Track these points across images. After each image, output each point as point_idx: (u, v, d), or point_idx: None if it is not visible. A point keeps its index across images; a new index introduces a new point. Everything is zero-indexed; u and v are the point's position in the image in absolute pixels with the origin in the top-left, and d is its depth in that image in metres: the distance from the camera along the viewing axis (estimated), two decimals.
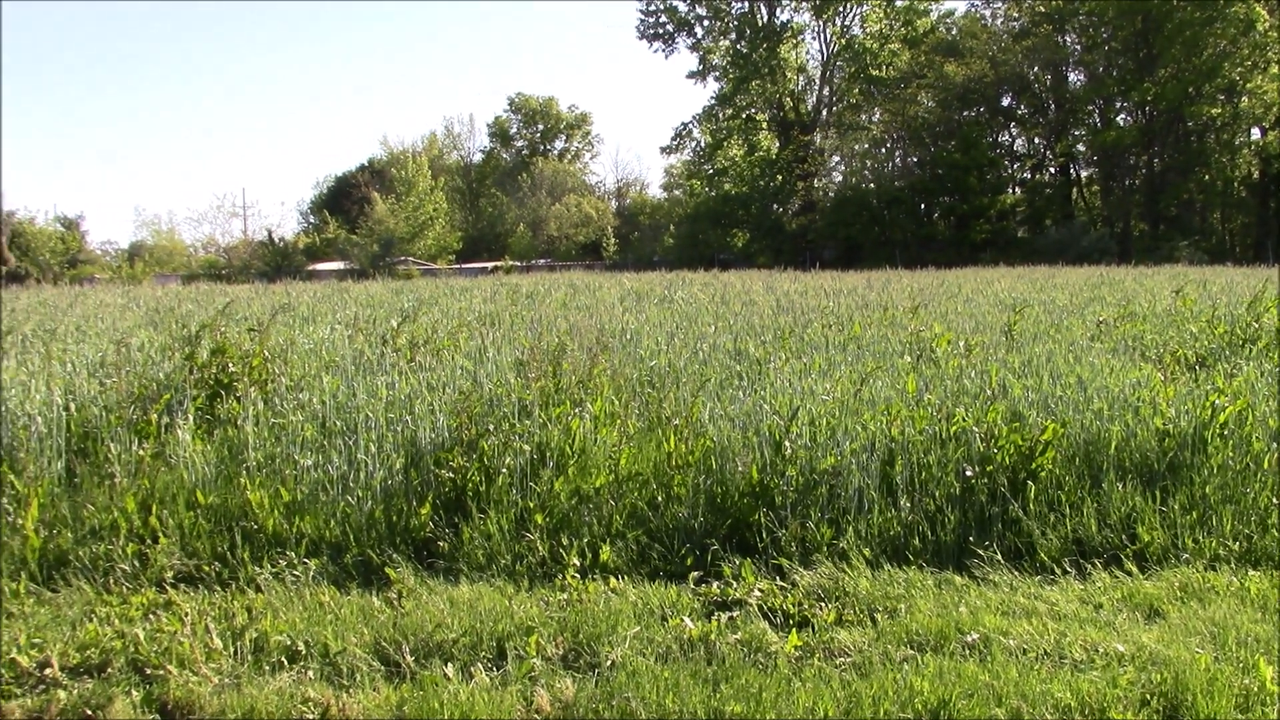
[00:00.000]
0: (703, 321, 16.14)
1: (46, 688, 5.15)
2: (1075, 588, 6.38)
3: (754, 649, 5.49)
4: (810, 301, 20.35)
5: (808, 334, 14.01)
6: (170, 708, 4.98)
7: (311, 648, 5.51)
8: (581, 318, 16.04)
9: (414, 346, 12.15)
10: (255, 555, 6.72)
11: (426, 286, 32.76)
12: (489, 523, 6.96)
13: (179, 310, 20.27)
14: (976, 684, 5.01)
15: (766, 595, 6.15)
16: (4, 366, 10.16)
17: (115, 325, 16.62)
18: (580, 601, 6.07)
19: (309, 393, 9.16)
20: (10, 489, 7.27)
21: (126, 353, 10.58)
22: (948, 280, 29.00)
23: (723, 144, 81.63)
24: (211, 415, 9.06)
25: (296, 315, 18.28)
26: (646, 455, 8.06)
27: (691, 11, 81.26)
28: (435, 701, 4.90)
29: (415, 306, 20.07)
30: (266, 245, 73.03)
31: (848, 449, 7.49)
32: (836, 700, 4.91)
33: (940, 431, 7.86)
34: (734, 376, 10.37)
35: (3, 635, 5.65)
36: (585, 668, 5.34)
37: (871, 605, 6.06)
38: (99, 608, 6.03)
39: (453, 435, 7.84)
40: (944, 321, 15.53)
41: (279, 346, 11.23)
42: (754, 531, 6.97)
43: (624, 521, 7.10)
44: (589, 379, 9.90)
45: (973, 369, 10.23)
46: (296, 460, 7.66)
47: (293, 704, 4.93)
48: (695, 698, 4.93)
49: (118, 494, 7.33)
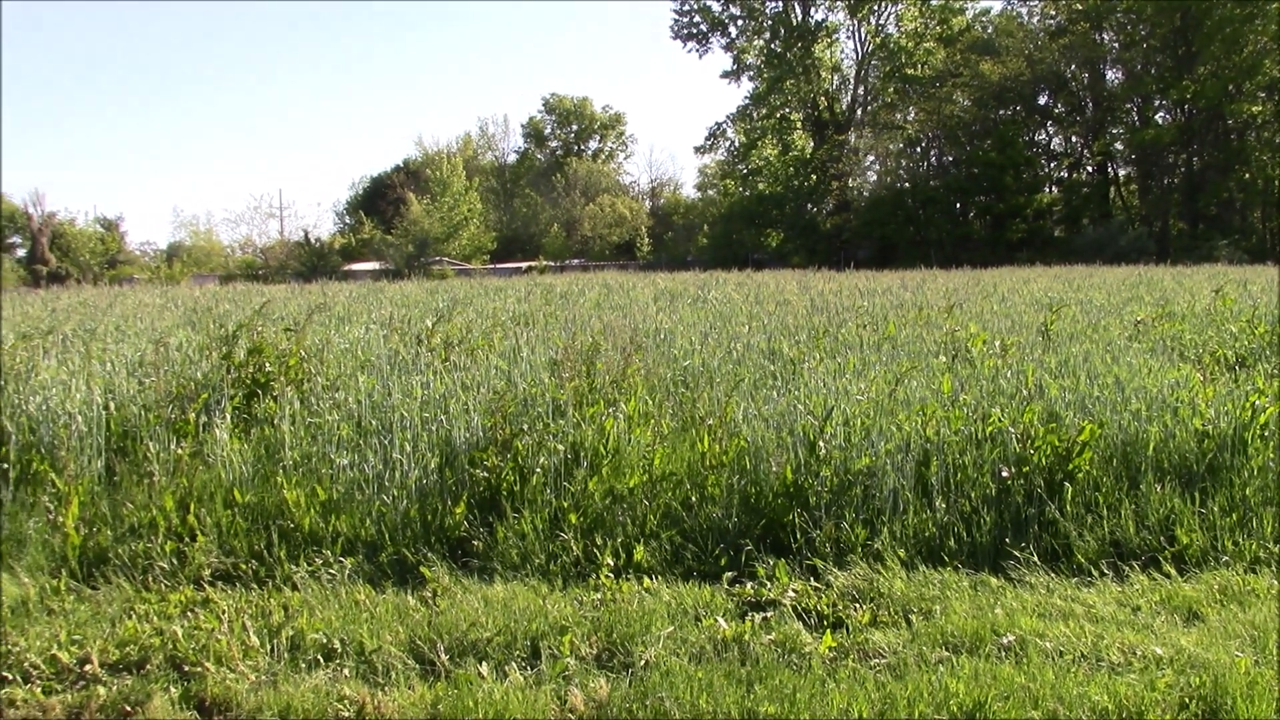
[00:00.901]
0: (737, 321, 16.11)
1: (86, 684, 5.21)
2: (1113, 590, 6.32)
3: (788, 650, 5.47)
4: (845, 301, 20.28)
5: (842, 334, 13.96)
6: (208, 704, 5.02)
7: (347, 646, 5.54)
8: (615, 317, 16.05)
9: (449, 346, 12.20)
10: (292, 554, 6.77)
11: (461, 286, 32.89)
12: (523, 522, 6.97)
13: (216, 310, 20.43)
14: (1012, 686, 4.98)
15: (801, 596, 6.14)
16: (45, 366, 10.27)
17: (154, 325, 16.77)
18: (614, 601, 6.07)
19: (345, 392, 9.21)
20: (51, 487, 7.36)
21: (165, 352, 10.67)
22: (983, 280, 28.82)
23: (757, 144, 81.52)
24: (248, 414, 9.13)
25: (332, 315, 18.39)
26: (680, 455, 8.05)
27: (725, 11, 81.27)
28: (470, 700, 4.92)
29: (450, 306, 20.16)
30: (303, 246, 73.52)
31: (882, 449, 7.46)
32: (871, 702, 4.89)
33: (976, 432, 7.81)
34: (768, 376, 10.34)
35: (44, 632, 5.72)
36: (619, 667, 5.34)
37: (906, 606, 6.03)
38: (138, 605, 6.09)
39: (487, 435, 7.86)
40: (980, 321, 15.44)
41: (315, 346, 11.30)
42: (788, 532, 6.95)
43: (658, 521, 7.10)
44: (623, 379, 9.91)
45: (1009, 369, 10.16)
46: (332, 459, 7.71)
47: (328, 702, 4.96)
48: (729, 698, 4.92)
49: (156, 492, 7.40)
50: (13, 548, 6.80)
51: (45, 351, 11.70)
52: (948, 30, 77.39)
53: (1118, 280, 27.48)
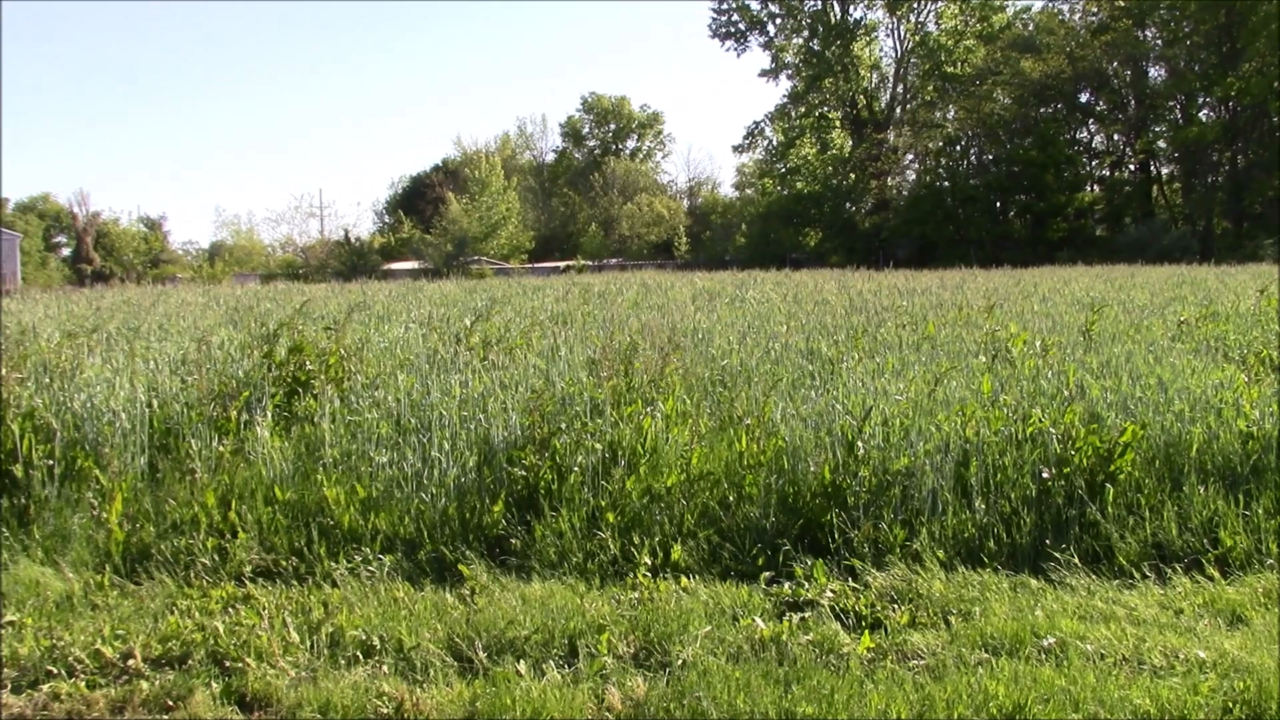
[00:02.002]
0: (775, 321, 16.07)
1: (130, 678, 5.27)
2: (1155, 592, 6.26)
3: (826, 650, 5.46)
4: (883, 301, 20.19)
5: (881, 334, 13.91)
6: (249, 700, 5.07)
7: (386, 643, 5.57)
8: (653, 317, 16.05)
9: (487, 345, 12.24)
10: (331, 551, 6.81)
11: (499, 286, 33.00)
12: (561, 521, 6.99)
13: (258, 309, 20.61)
14: (1053, 689, 4.94)
15: (838, 596, 6.12)
16: (90, 364, 10.39)
17: (196, 324, 16.94)
18: (651, 600, 6.08)
19: (384, 391, 9.26)
20: (95, 484, 7.45)
21: (207, 351, 10.78)
22: (1024, 279, 28.61)
23: (795, 142, 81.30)
24: (289, 412, 9.20)
25: (372, 314, 18.51)
26: (718, 454, 8.05)
27: (764, 10, 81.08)
28: (507, 698, 4.93)
29: (488, 305, 20.22)
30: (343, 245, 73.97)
31: (921, 450, 7.42)
32: (909, 703, 4.87)
33: (1016, 433, 7.76)
34: (806, 376, 10.31)
35: (89, 627, 5.79)
36: (656, 666, 5.34)
37: (945, 608, 6.00)
38: (180, 601, 6.15)
39: (525, 433, 7.89)
40: (1020, 321, 15.34)
41: (355, 345, 11.37)
42: (826, 532, 6.93)
43: (695, 521, 7.10)
44: (661, 378, 9.91)
45: (1049, 369, 10.08)
46: (372, 457, 7.75)
47: (367, 698, 4.99)
48: (766, 698, 4.91)
49: (198, 489, 7.47)
50: (58, 543, 6.89)
51: (90, 350, 11.83)
52: (988, 28, 76.78)
53: (1160, 280, 27.20)
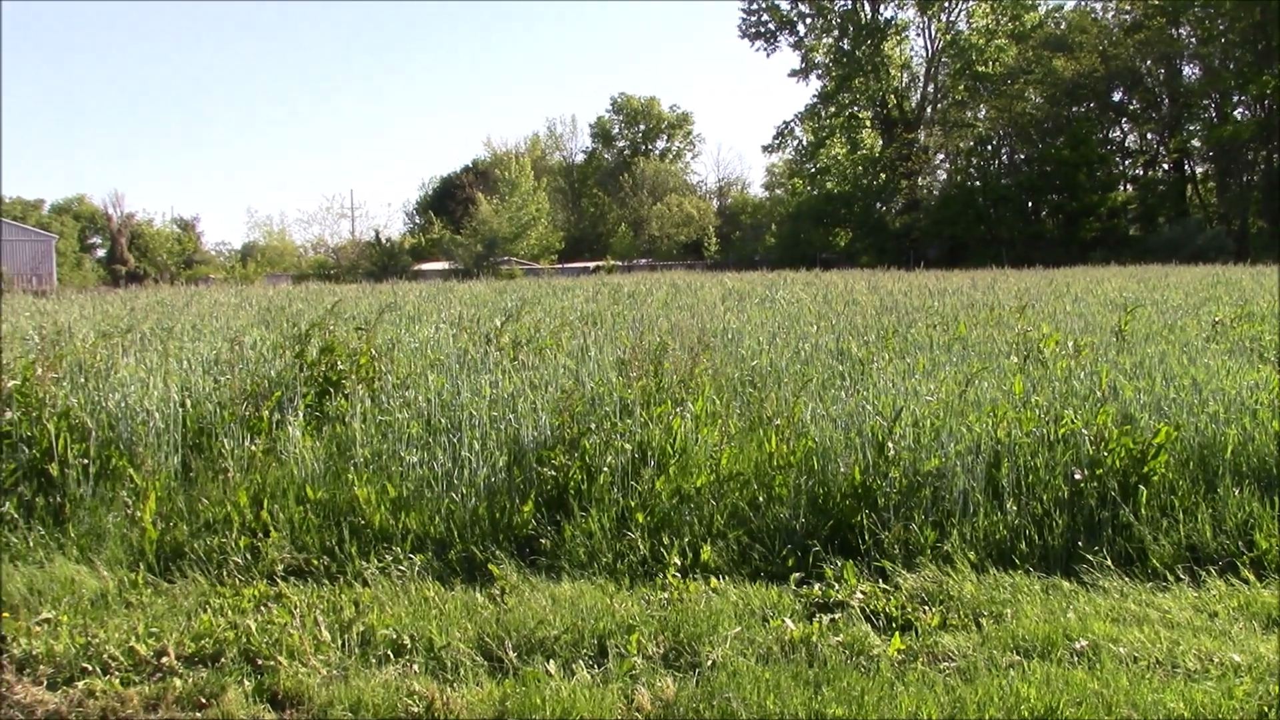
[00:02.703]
0: (805, 321, 16.04)
1: (163, 676, 5.31)
2: (1189, 595, 6.21)
3: (856, 651, 5.44)
4: (914, 301, 20.12)
5: (911, 334, 13.85)
6: (280, 698, 5.10)
7: (417, 642, 5.60)
8: (683, 317, 16.05)
9: (517, 345, 12.27)
10: (362, 550, 6.85)
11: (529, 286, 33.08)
12: (590, 521, 6.99)
13: (289, 309, 20.73)
14: (1085, 692, 4.90)
15: (869, 598, 6.10)
16: (124, 363, 10.48)
17: (229, 324, 17.06)
18: (681, 601, 6.07)
19: (415, 390, 9.29)
20: (129, 482, 7.51)
21: (240, 351, 10.84)
22: (1056, 279, 28.44)
23: (825, 142, 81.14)
24: (320, 412, 9.25)
25: (403, 314, 18.58)
26: (748, 455, 8.04)
27: (794, 10, 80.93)
28: (537, 698, 4.94)
29: (518, 306, 20.27)
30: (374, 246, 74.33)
31: (952, 451, 7.38)
32: (940, 705, 4.84)
33: (1048, 434, 7.70)
34: (836, 377, 10.28)
35: (123, 624, 5.84)
36: (686, 667, 5.34)
37: (976, 609, 5.97)
38: (213, 599, 6.20)
39: (555, 433, 7.90)
40: (1052, 322, 15.24)
41: (386, 345, 11.42)
42: (856, 533, 6.91)
43: (725, 521, 7.09)
44: (690, 378, 9.90)
45: (1082, 370, 10.01)
46: (402, 457, 7.78)
47: (398, 697, 5.01)
48: (796, 699, 4.90)
49: (231, 488, 7.53)
50: (93, 541, 6.95)
51: (125, 350, 11.93)
52: (1020, 27, 76.32)
53: (1195, 280, 26.98)
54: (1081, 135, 69.19)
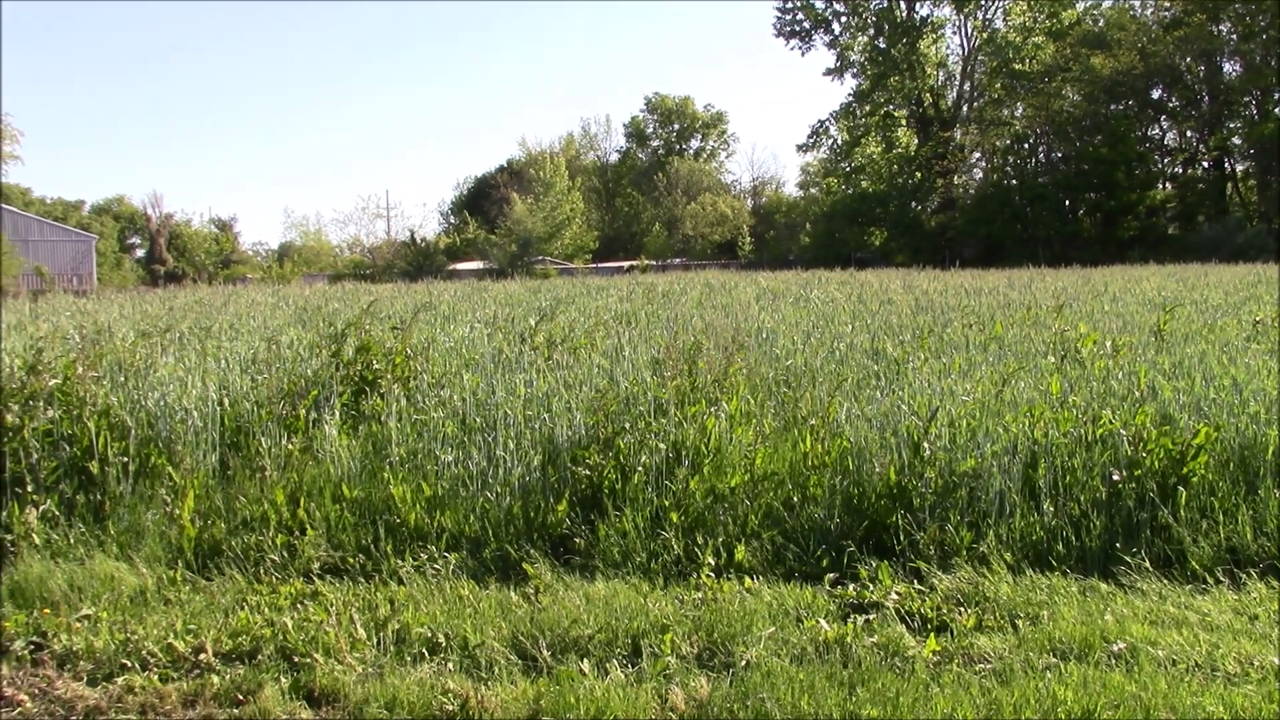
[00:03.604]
0: (839, 321, 15.99)
1: (201, 672, 5.35)
2: (1229, 598, 6.14)
3: (891, 653, 5.42)
4: (950, 300, 20.02)
5: (947, 334, 13.78)
6: (316, 695, 5.13)
7: (451, 640, 5.62)
8: (717, 317, 16.03)
9: (551, 345, 12.28)
10: (398, 548, 6.88)
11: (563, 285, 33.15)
12: (624, 520, 7.00)
13: (326, 309, 20.86)
14: (1123, 695, 4.86)
15: (904, 598, 6.07)
16: (163, 362, 10.57)
17: (266, 323, 17.19)
18: (715, 601, 6.07)
19: (450, 390, 9.33)
20: (168, 480, 7.59)
21: (276, 350, 10.92)
22: (1093, 279, 28.22)
23: (860, 141, 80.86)
24: (356, 411, 9.30)
25: (438, 314, 18.66)
26: (782, 455, 8.02)
27: (829, 8, 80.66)
28: (571, 696, 4.95)
29: (553, 305, 20.31)
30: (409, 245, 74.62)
31: (988, 451, 7.34)
32: (976, 707, 4.82)
33: (1085, 434, 7.64)
34: (871, 376, 10.24)
35: (161, 621, 5.89)
36: (720, 667, 5.33)
37: (1013, 611, 5.93)
38: (250, 596, 6.25)
39: (589, 433, 7.91)
40: (1089, 321, 15.12)
41: (421, 344, 11.45)
42: (891, 533, 6.88)
43: (759, 521, 7.08)
44: (724, 378, 9.88)
45: (1120, 370, 9.92)
46: (437, 456, 7.82)
47: (433, 695, 5.04)
48: (831, 700, 4.88)
49: (268, 487, 7.59)
50: (132, 539, 7.02)
51: (163, 349, 12.04)
52: (1057, 24, 75.72)
53: (1235, 279, 26.69)
54: (1120, 133, 68.59)
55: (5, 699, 5.17)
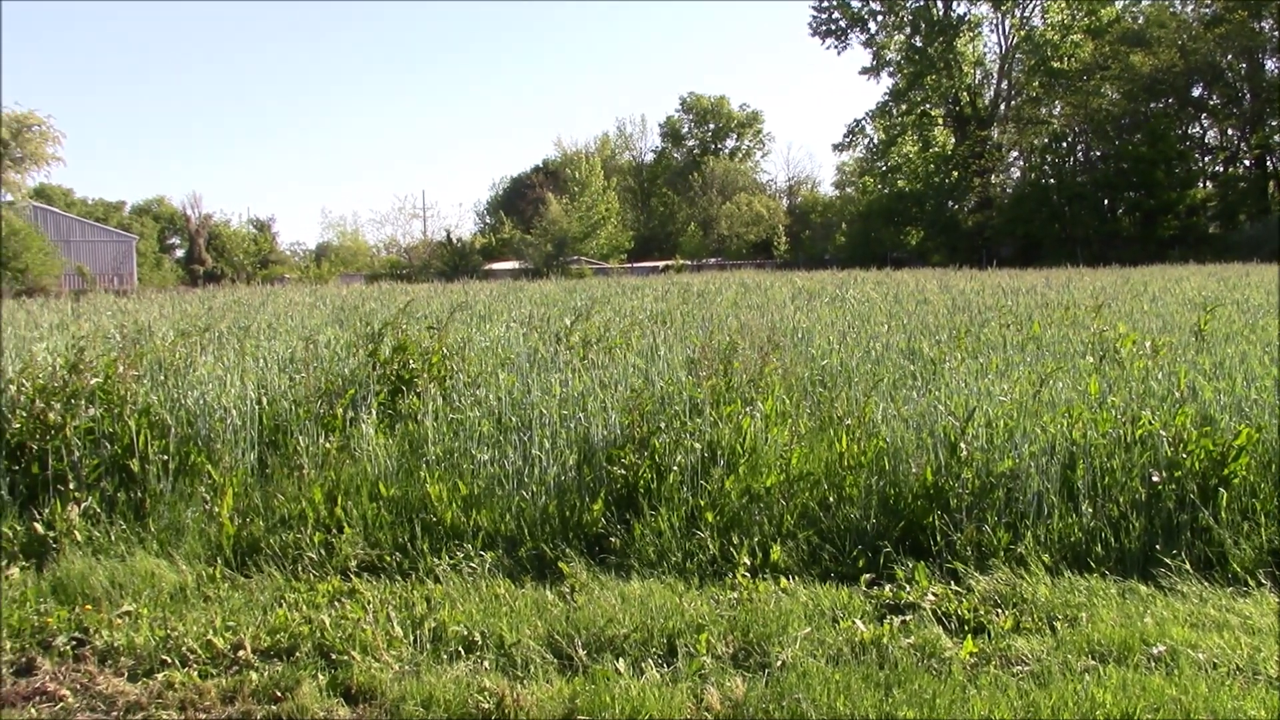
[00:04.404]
0: (875, 321, 15.93)
1: (240, 669, 5.40)
2: (1270, 601, 6.07)
3: (928, 654, 5.39)
4: (987, 300, 19.90)
5: (984, 333, 13.70)
6: (354, 692, 5.16)
7: (487, 638, 5.64)
8: (752, 316, 16.01)
9: (587, 344, 12.30)
10: (434, 547, 6.91)
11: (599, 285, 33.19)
12: (660, 520, 7.00)
13: (363, 309, 20.99)
14: (1163, 698, 4.82)
15: (941, 600, 6.04)
16: (202, 361, 10.67)
17: (303, 323, 17.31)
18: (750, 601, 6.06)
19: (485, 389, 9.36)
20: (207, 478, 7.66)
21: (314, 349, 11.01)
22: (1133, 278, 27.98)
23: (896, 140, 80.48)
24: (393, 410, 9.35)
25: (474, 314, 18.73)
26: (818, 455, 8.00)
27: (865, 7, 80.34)
28: (607, 695, 4.96)
29: (588, 305, 20.34)
30: (445, 245, 74.89)
31: (1026, 452, 7.29)
32: (1014, 709, 4.79)
33: (1125, 435, 7.57)
34: (907, 376, 10.20)
35: (201, 618, 5.95)
36: (755, 667, 5.32)
37: (1051, 613, 5.89)
38: (288, 594, 6.30)
39: (625, 432, 7.92)
40: (1129, 321, 14.99)
41: (457, 344, 11.51)
42: (928, 534, 6.85)
43: (795, 521, 7.06)
44: (760, 378, 9.87)
45: (1160, 370, 9.83)
46: (473, 455, 7.85)
47: (469, 693, 5.05)
48: (867, 701, 4.87)
49: (306, 485, 7.64)
50: (172, 536, 7.09)
51: (203, 348, 12.16)
52: (1096, 22, 75.04)
53: (1276, 279, 26.36)
54: (1160, 131, 67.91)
55: (48, 694, 5.24)
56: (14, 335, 15.56)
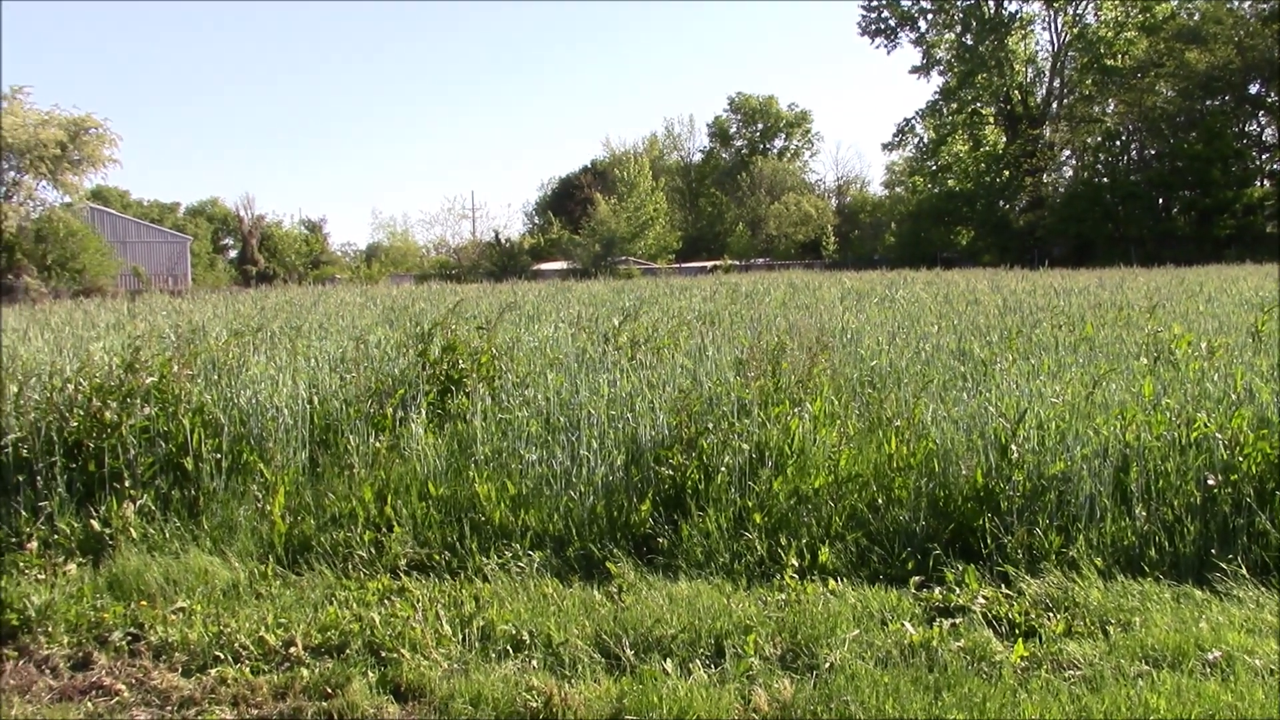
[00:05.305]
0: (925, 321, 15.82)
1: (291, 665, 5.46)
2: None
3: (977, 657, 5.35)
4: (1039, 301, 19.71)
5: (1036, 334, 13.56)
6: (403, 689, 5.20)
7: (535, 638, 5.66)
8: (801, 317, 15.95)
9: (635, 345, 12.30)
10: (482, 546, 6.95)
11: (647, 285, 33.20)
12: (707, 521, 6.99)
13: (412, 309, 21.11)
14: (1218, 704, 4.75)
15: (991, 603, 5.99)
16: (255, 361, 10.78)
17: (354, 323, 17.45)
18: (799, 602, 6.04)
19: (534, 389, 9.39)
20: (259, 477, 7.74)
21: (364, 349, 11.09)
22: (1188, 278, 27.61)
23: (947, 139, 79.87)
24: (442, 410, 9.40)
25: (522, 314, 18.79)
26: (866, 456, 7.96)
27: (915, 6, 79.79)
28: (654, 696, 4.96)
29: (636, 305, 20.36)
30: (494, 246, 75.17)
31: (1078, 454, 7.21)
32: (1065, 714, 4.74)
33: (1180, 437, 7.47)
34: (958, 378, 10.11)
35: (253, 615, 6.02)
36: (803, 669, 5.31)
37: (1103, 617, 5.82)
38: (338, 592, 6.36)
39: (672, 433, 7.92)
40: (1184, 322, 14.79)
41: (506, 344, 11.55)
42: (978, 537, 6.79)
43: (843, 523, 7.03)
44: (808, 378, 9.83)
45: (1215, 372, 9.68)
46: (522, 455, 7.87)
47: (517, 691, 5.08)
48: (916, 704, 4.84)
49: (356, 484, 7.70)
50: (225, 534, 7.17)
51: (255, 348, 12.29)
52: (1151, 19, 74.06)
53: None
54: (1216, 129, 66.87)
55: (104, 688, 5.32)
56: (71, 335, 15.81)
